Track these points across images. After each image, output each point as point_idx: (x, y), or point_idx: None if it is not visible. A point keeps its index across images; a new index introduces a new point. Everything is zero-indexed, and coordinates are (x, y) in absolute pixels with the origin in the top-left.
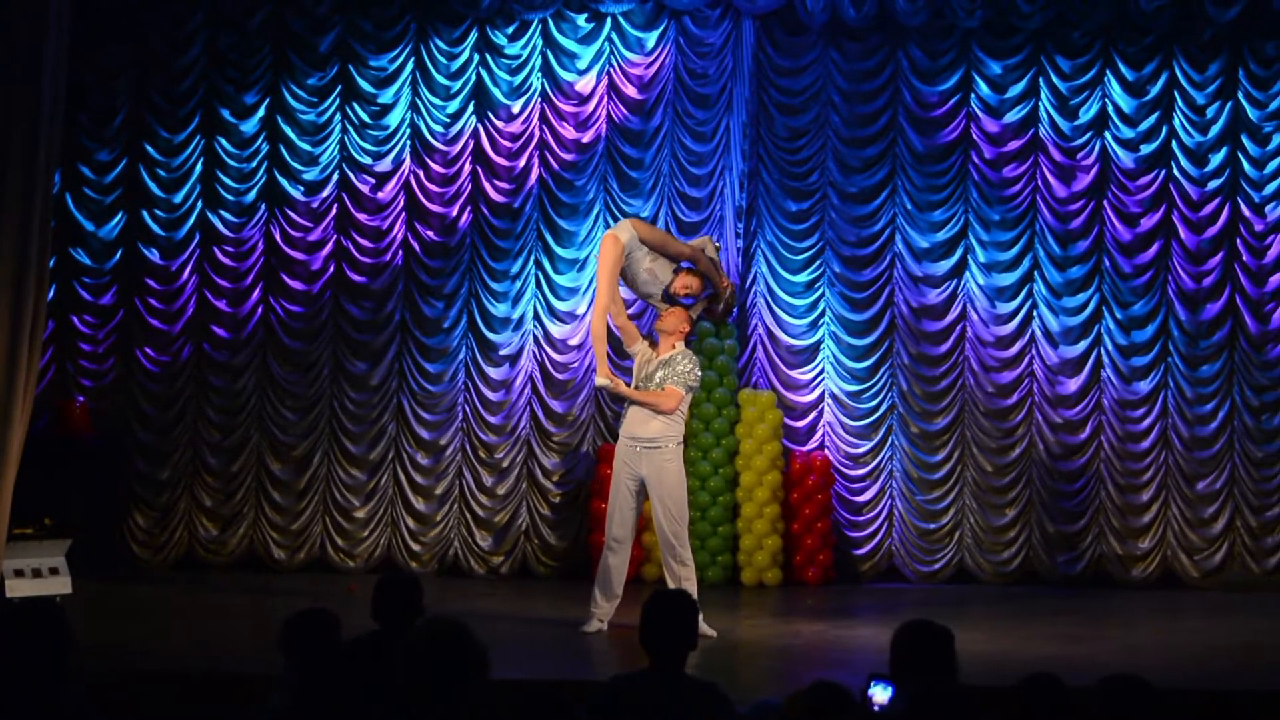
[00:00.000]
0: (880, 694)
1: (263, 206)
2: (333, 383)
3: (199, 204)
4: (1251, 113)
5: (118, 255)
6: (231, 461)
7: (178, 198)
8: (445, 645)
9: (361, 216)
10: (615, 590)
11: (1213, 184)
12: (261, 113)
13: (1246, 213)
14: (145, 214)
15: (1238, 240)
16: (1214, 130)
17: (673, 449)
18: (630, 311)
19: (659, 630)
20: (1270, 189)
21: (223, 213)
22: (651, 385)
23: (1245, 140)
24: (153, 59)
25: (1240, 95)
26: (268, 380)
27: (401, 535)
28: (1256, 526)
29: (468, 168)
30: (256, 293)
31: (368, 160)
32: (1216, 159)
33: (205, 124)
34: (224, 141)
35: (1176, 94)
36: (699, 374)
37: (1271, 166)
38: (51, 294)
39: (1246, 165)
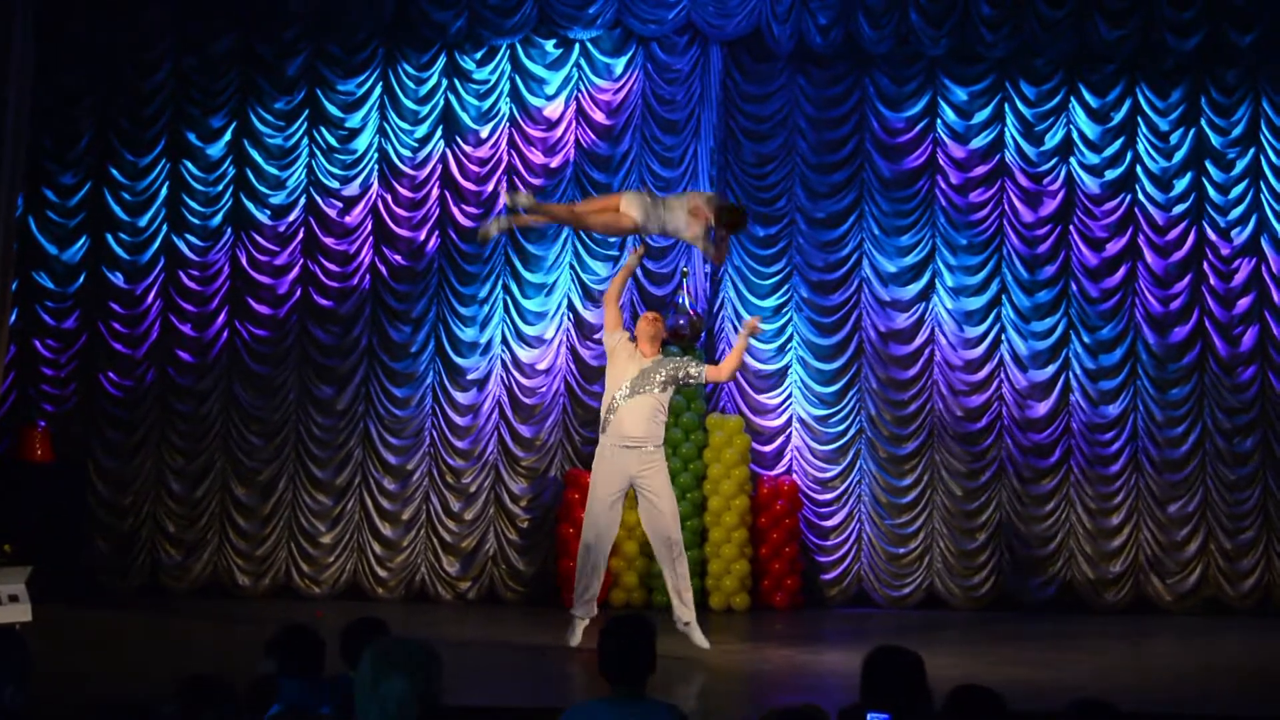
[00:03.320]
0: None
1: (229, 230)
2: (299, 407)
3: (164, 228)
4: (1214, 139)
5: (81, 279)
6: (195, 487)
7: (142, 221)
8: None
9: (329, 241)
10: (595, 590)
11: (1178, 208)
12: (228, 136)
13: (1212, 236)
14: (110, 238)
15: (1204, 264)
16: (1178, 156)
17: (660, 449)
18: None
19: (618, 655)
20: (1236, 213)
21: (188, 236)
22: (655, 389)
23: (1209, 165)
24: (118, 82)
25: (1203, 122)
26: (233, 405)
27: (368, 561)
28: (1231, 549)
29: (436, 192)
30: (222, 317)
31: (335, 184)
32: (1181, 184)
33: (171, 147)
34: (190, 165)
35: (1140, 120)
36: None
37: (1236, 191)
38: (13, 317)
39: (1211, 190)
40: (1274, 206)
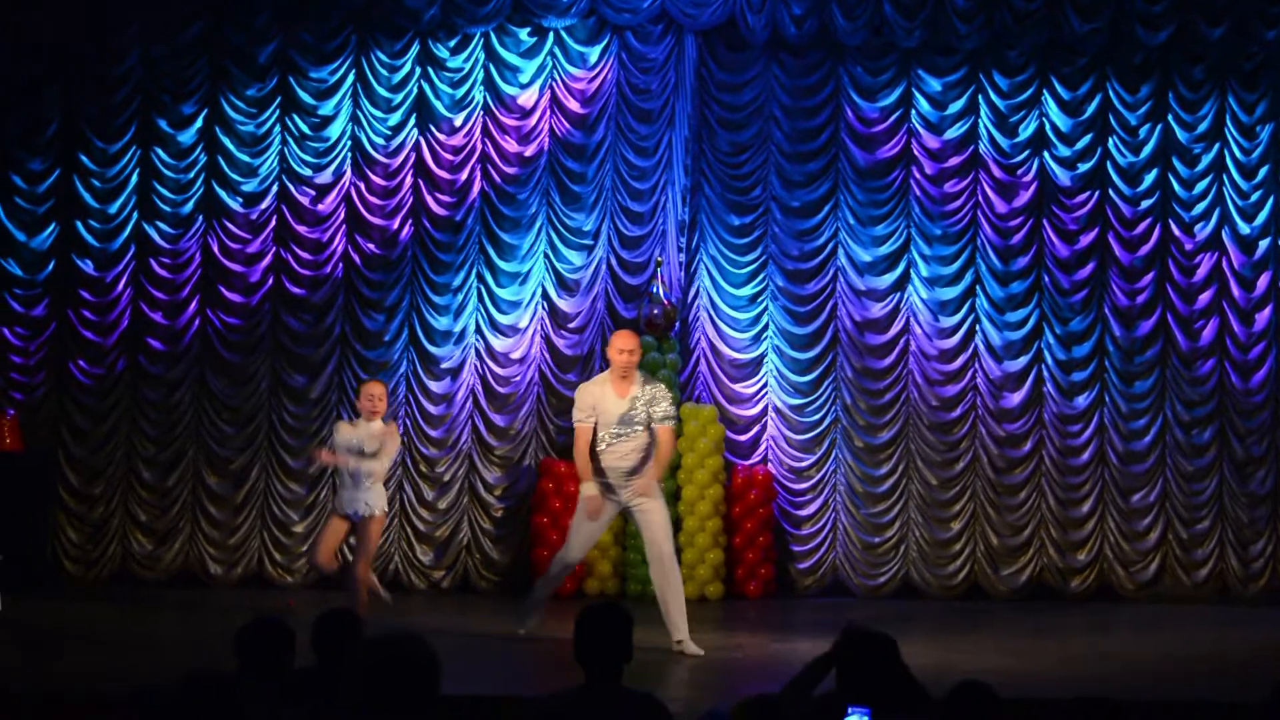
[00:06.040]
0: None
1: (200, 218)
2: (271, 396)
3: (135, 215)
4: (1181, 134)
5: (50, 266)
6: (167, 475)
7: (113, 208)
8: (401, 656)
9: (301, 229)
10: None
11: (1145, 203)
12: (199, 123)
13: (1176, 232)
14: (79, 225)
15: (1169, 259)
16: (1145, 151)
17: (651, 469)
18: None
19: (594, 644)
20: (1199, 209)
21: (159, 224)
22: (636, 428)
23: (1175, 161)
24: (85, 68)
25: (1170, 118)
26: (205, 393)
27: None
28: (1187, 539)
29: (409, 180)
30: (193, 305)
31: (308, 172)
32: (1148, 179)
33: (141, 134)
34: (161, 152)
35: (1110, 115)
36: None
37: (1200, 187)
38: None
39: (1176, 185)
40: (1236, 202)
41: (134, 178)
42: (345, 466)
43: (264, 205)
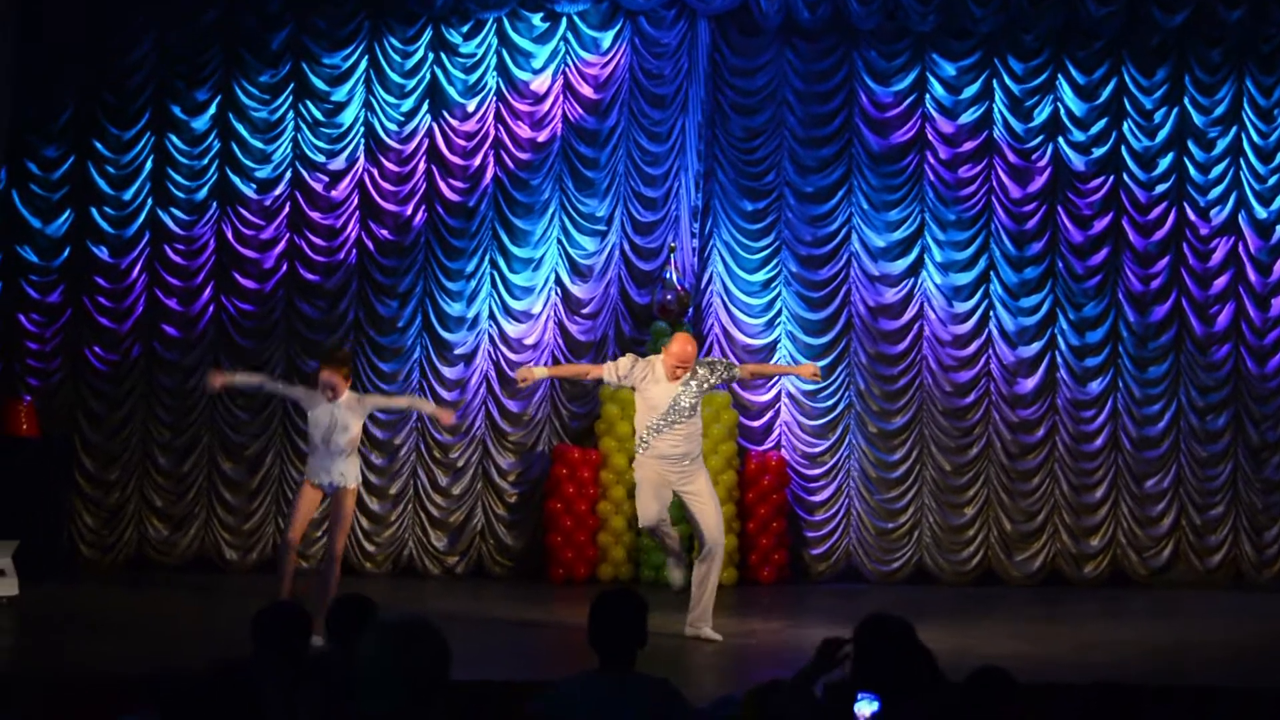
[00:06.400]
0: (865, 708)
1: (214, 204)
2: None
3: (149, 201)
4: (1197, 118)
5: (66, 253)
6: (182, 461)
7: (127, 195)
8: (411, 641)
9: (315, 215)
10: (678, 549)
11: (1160, 188)
12: (213, 110)
13: (1192, 217)
14: (94, 211)
15: (1184, 244)
16: (1161, 135)
17: (698, 459)
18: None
19: (608, 629)
20: (1214, 193)
21: (174, 210)
22: (685, 414)
23: (1191, 145)
24: (100, 56)
25: (1186, 101)
26: None
27: (355, 535)
28: (1201, 524)
29: (422, 166)
30: (208, 291)
31: (321, 158)
32: (1164, 163)
33: (156, 120)
34: (175, 138)
35: (1125, 99)
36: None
37: (1215, 171)
38: None
39: (1192, 170)
40: (1253, 186)
41: (148, 164)
42: (317, 440)
43: (278, 191)
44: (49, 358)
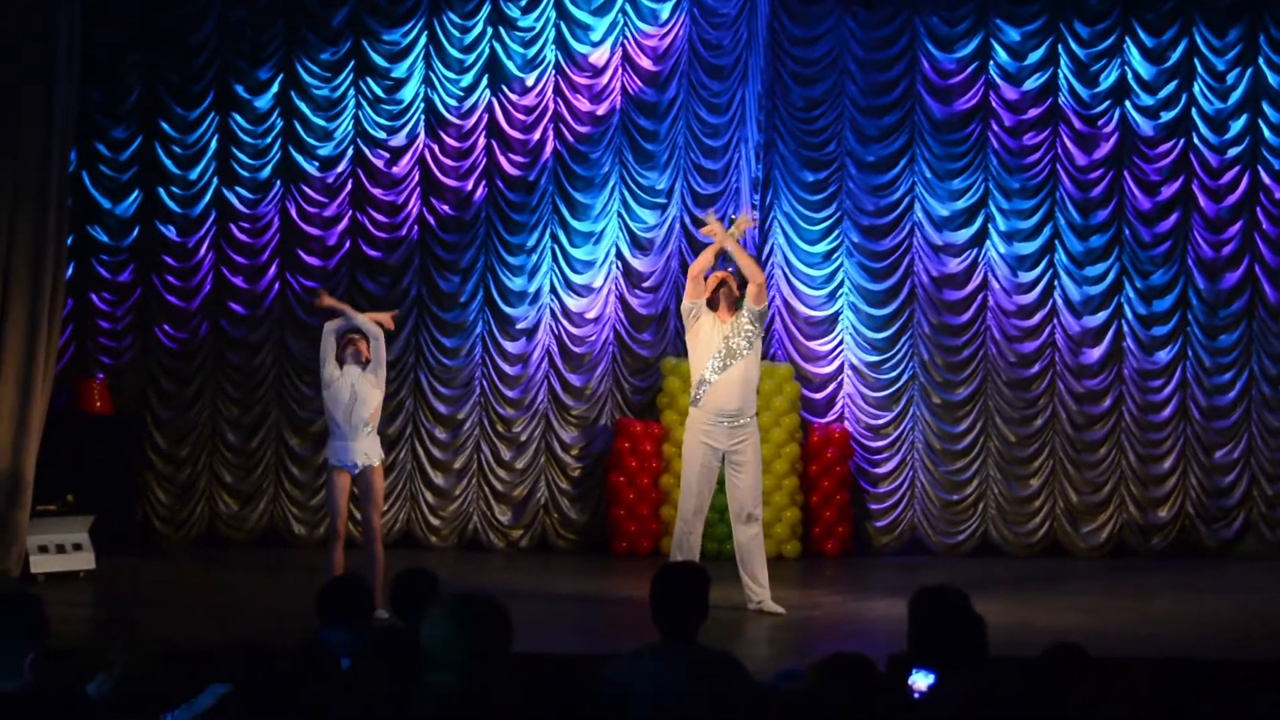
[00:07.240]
0: (921, 681)
1: (278, 183)
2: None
3: (215, 180)
4: (1272, 79)
5: (135, 233)
6: (250, 437)
7: (193, 174)
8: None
9: (376, 191)
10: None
11: (1232, 151)
12: (275, 88)
13: (1266, 180)
14: (161, 191)
15: (1257, 209)
16: (1234, 97)
17: (754, 419)
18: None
19: (670, 603)
20: None
21: (238, 189)
22: (743, 352)
23: (1265, 107)
24: (165, 35)
25: (1261, 61)
26: (286, 356)
27: (421, 510)
28: (1272, 495)
29: (482, 141)
30: (273, 269)
31: (382, 135)
32: (1236, 126)
33: (220, 100)
34: (239, 118)
35: (1196, 60)
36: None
37: None
38: (70, 272)
39: (1267, 132)
40: None
41: (213, 144)
42: (339, 418)
43: (340, 169)
44: (120, 336)
